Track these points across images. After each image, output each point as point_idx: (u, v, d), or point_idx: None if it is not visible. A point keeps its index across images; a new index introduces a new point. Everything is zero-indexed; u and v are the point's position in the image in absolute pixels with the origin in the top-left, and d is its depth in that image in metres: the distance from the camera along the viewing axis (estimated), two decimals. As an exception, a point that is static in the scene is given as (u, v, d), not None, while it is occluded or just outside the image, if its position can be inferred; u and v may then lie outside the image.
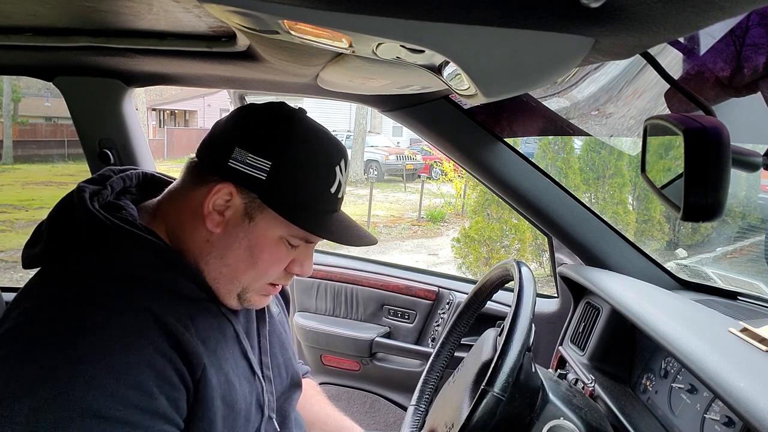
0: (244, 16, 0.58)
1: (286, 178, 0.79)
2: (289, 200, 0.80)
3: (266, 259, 0.82)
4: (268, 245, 0.82)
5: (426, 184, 12.03)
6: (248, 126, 0.82)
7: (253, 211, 0.80)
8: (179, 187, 0.86)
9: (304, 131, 0.82)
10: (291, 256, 0.85)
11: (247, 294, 0.84)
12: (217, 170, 0.80)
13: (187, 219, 0.82)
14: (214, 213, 0.80)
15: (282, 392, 0.98)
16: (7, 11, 0.86)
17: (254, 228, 0.81)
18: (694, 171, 0.55)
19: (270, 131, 0.81)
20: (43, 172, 14.84)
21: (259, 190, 0.79)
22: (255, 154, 0.79)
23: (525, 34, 0.55)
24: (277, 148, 0.79)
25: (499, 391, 0.81)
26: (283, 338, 1.03)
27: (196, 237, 0.82)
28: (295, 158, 0.80)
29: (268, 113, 0.83)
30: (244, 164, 0.79)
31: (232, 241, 0.81)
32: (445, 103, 1.47)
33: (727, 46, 1.12)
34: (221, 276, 0.82)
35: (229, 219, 0.81)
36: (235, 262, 0.82)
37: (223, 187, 0.79)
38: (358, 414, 2.01)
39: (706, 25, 0.51)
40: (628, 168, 6.81)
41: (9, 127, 17.12)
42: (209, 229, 0.81)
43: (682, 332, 1.00)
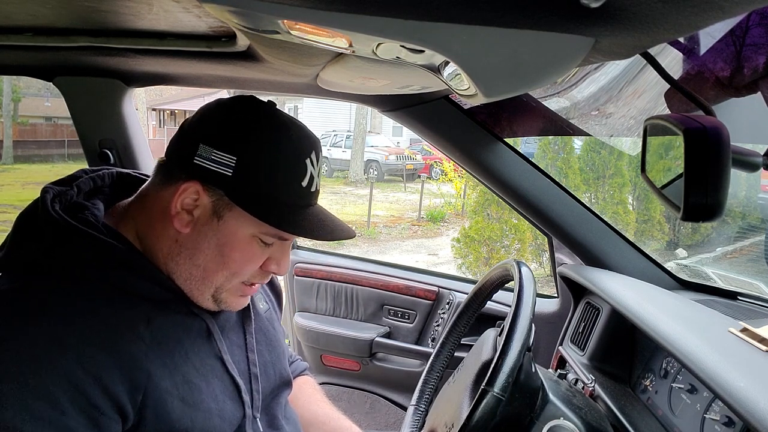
0: (244, 16, 0.58)
1: (252, 172, 0.77)
2: (257, 196, 0.77)
3: (238, 259, 0.80)
4: (239, 244, 0.79)
5: (426, 184, 12.03)
6: (213, 121, 0.80)
7: (221, 209, 0.78)
8: (149, 187, 0.84)
9: (270, 124, 0.80)
10: (265, 254, 0.82)
11: (222, 294, 0.82)
12: (185, 169, 0.78)
13: (157, 219, 0.81)
14: (183, 213, 0.79)
15: (270, 391, 0.96)
16: (7, 11, 0.86)
17: (223, 227, 0.79)
18: (694, 171, 0.55)
19: (234, 125, 0.78)
20: (43, 172, 14.84)
21: (226, 187, 0.77)
22: (219, 150, 0.76)
23: (525, 34, 0.55)
24: (241, 142, 0.77)
25: (499, 391, 0.81)
26: (270, 336, 1.01)
27: (164, 237, 0.80)
28: (260, 152, 0.77)
29: (233, 107, 0.81)
30: (209, 161, 0.77)
31: (202, 241, 0.79)
32: (445, 103, 1.47)
33: (727, 46, 1.12)
34: (192, 277, 0.81)
35: (197, 218, 0.79)
36: (205, 263, 0.80)
37: (190, 185, 0.77)
38: (358, 414, 2.01)
39: (706, 25, 0.51)
40: (628, 168, 6.81)
41: (9, 127, 17.12)
42: (177, 229, 0.79)
43: (682, 332, 1.00)
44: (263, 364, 0.95)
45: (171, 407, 0.75)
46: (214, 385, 0.83)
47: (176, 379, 0.77)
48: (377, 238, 9.27)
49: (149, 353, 0.75)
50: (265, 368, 0.95)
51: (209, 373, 0.83)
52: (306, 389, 1.15)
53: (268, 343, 1.00)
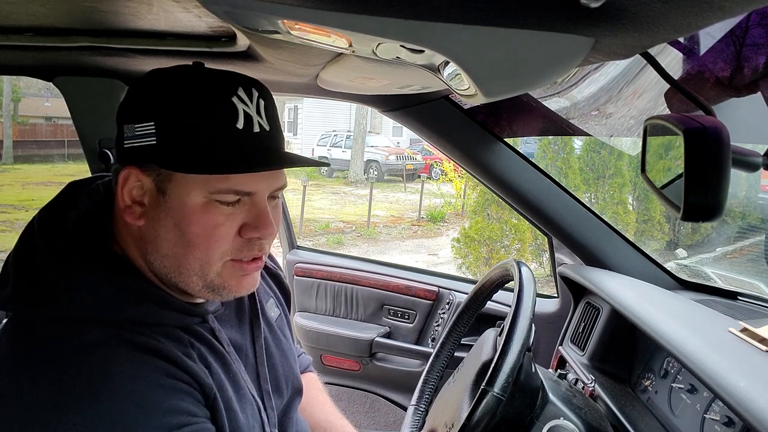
0: (244, 16, 0.58)
1: (174, 130, 0.69)
2: (187, 153, 0.69)
3: (199, 232, 0.71)
4: (195, 215, 0.70)
5: (426, 184, 12.04)
6: (130, 98, 0.75)
7: (162, 183, 0.71)
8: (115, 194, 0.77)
9: (183, 78, 0.72)
10: (236, 220, 0.72)
11: (213, 280, 0.74)
12: (119, 158, 0.74)
13: (122, 225, 0.76)
14: (134, 205, 0.73)
15: (284, 405, 0.93)
16: (7, 11, 0.86)
17: (171, 201, 0.71)
18: (694, 171, 0.55)
19: (148, 93, 0.72)
20: (43, 172, 14.84)
21: (156, 158, 0.70)
22: (139, 122, 0.70)
23: (525, 34, 0.55)
24: (156, 104, 0.70)
25: (499, 391, 0.81)
26: (283, 345, 0.97)
27: (133, 239, 0.75)
28: (173, 106, 0.70)
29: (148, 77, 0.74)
30: (134, 138, 0.71)
31: (158, 227, 0.72)
32: (445, 103, 1.47)
33: (727, 46, 1.12)
34: (169, 270, 0.73)
35: (148, 205, 0.72)
36: (171, 250, 0.72)
37: (128, 173, 0.72)
38: (358, 414, 2.01)
39: (706, 25, 0.51)
40: (628, 168, 6.81)
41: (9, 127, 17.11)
42: (133, 223, 0.73)
43: (682, 332, 1.00)
44: (275, 378, 0.92)
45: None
46: (246, 410, 0.81)
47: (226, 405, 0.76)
48: (377, 238, 9.28)
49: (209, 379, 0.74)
50: (277, 382, 0.92)
51: (242, 397, 0.81)
52: (309, 390, 1.12)
53: (282, 354, 0.95)
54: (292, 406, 0.97)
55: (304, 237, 8.91)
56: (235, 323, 0.88)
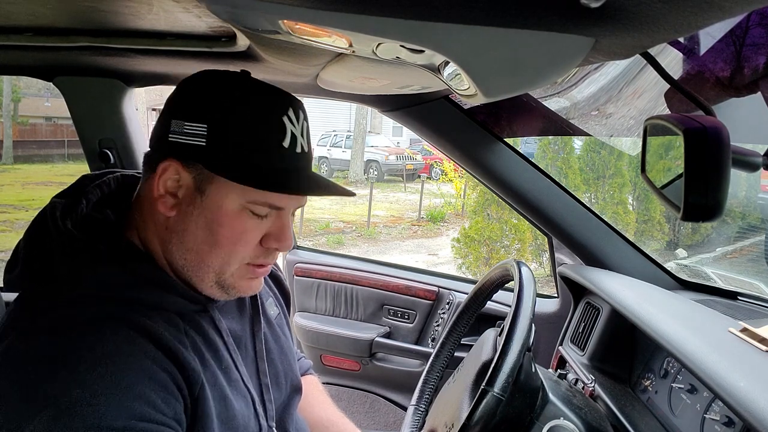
0: (244, 16, 0.58)
1: (225, 136, 0.73)
2: (236, 161, 0.73)
3: (228, 235, 0.75)
4: (228, 218, 0.74)
5: (426, 184, 12.03)
6: (181, 95, 0.77)
7: (202, 183, 0.74)
8: (142, 183, 0.81)
9: (239, 87, 0.76)
10: (261, 229, 0.77)
11: (226, 279, 0.78)
12: (161, 150, 0.75)
13: (147, 212, 0.78)
14: (167, 196, 0.75)
15: (282, 401, 0.95)
16: (7, 11, 0.86)
17: (207, 202, 0.74)
18: (694, 171, 0.55)
19: (202, 94, 0.75)
20: (43, 172, 14.83)
21: (203, 158, 0.73)
22: (190, 121, 0.73)
23: (525, 34, 0.55)
24: (210, 108, 0.73)
25: (499, 391, 0.81)
26: (282, 343, 0.99)
27: (156, 227, 0.77)
28: (229, 114, 0.73)
29: (200, 78, 0.78)
30: (182, 134, 0.73)
31: (189, 222, 0.75)
32: (445, 103, 1.47)
33: (727, 46, 1.12)
34: (188, 264, 0.77)
35: (182, 199, 0.75)
36: (196, 245, 0.76)
37: (168, 164, 0.74)
38: (358, 414, 2.01)
39: (706, 25, 0.51)
40: (628, 168, 6.81)
41: (9, 127, 17.11)
42: (163, 213, 0.76)
43: (682, 332, 1.00)
44: (274, 374, 0.93)
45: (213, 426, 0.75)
46: (239, 401, 0.82)
47: (216, 395, 0.77)
48: (377, 238, 9.27)
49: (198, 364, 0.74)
50: (276, 378, 0.94)
51: (235, 388, 0.82)
52: (310, 391, 1.13)
53: (281, 350, 0.97)
54: (292, 404, 0.98)
55: (304, 237, 8.91)
56: (236, 316, 0.90)
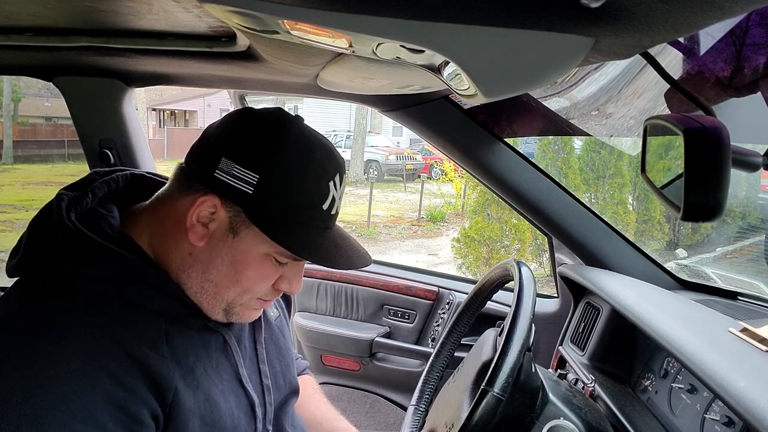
0: (244, 16, 0.58)
1: (274, 193, 0.75)
2: (276, 216, 0.76)
3: (251, 276, 0.78)
4: (253, 262, 0.78)
5: (426, 184, 12.03)
6: (237, 135, 0.77)
7: (238, 225, 0.76)
8: (166, 193, 0.82)
9: (296, 142, 0.77)
10: (279, 273, 0.81)
11: (234, 309, 0.81)
12: (204, 180, 0.76)
13: (170, 229, 0.79)
14: (198, 225, 0.77)
15: (280, 402, 0.95)
16: (7, 11, 0.86)
17: (238, 244, 0.77)
18: (694, 171, 0.55)
19: (259, 141, 0.76)
20: (43, 172, 14.83)
21: (245, 205, 0.75)
22: (242, 166, 0.74)
23: (525, 34, 0.55)
24: (266, 160, 0.75)
25: (499, 391, 0.81)
26: (281, 344, 1.00)
27: (178, 249, 0.79)
28: (284, 172, 0.75)
29: (260, 121, 0.79)
30: (230, 176, 0.75)
31: (216, 256, 0.77)
32: (445, 103, 1.47)
33: (727, 46, 1.12)
34: (204, 291, 0.79)
35: (213, 232, 0.77)
36: (218, 278, 0.78)
37: (208, 199, 0.76)
38: (358, 414, 2.01)
39: (706, 25, 0.51)
40: (628, 168, 6.81)
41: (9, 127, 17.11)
42: (192, 242, 0.77)
43: (682, 332, 1.00)
44: (274, 375, 0.94)
45: (192, 427, 0.74)
46: (231, 401, 0.82)
47: (199, 397, 0.76)
48: (377, 238, 9.27)
49: (173, 370, 0.74)
50: (275, 379, 0.94)
51: (227, 389, 0.82)
52: (306, 390, 1.14)
53: (279, 352, 0.98)
54: (289, 403, 0.99)
55: (304, 237, 8.88)
56: None
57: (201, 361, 0.79)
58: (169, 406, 0.72)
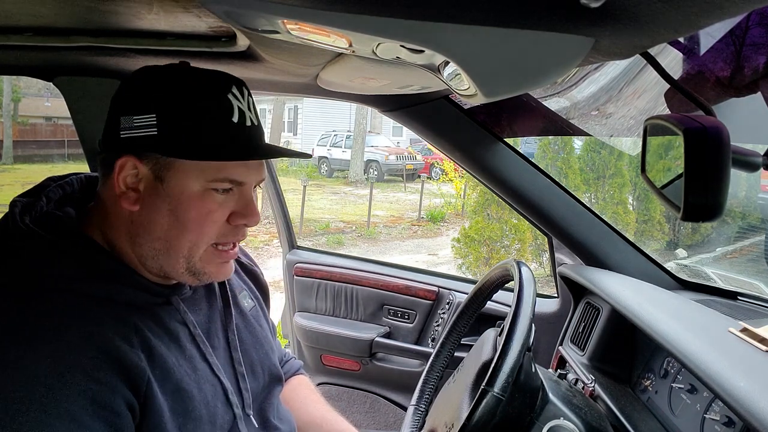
0: (244, 16, 0.58)
1: (176, 122, 0.76)
2: (190, 143, 0.76)
3: (194, 217, 0.77)
4: (192, 201, 0.77)
5: (426, 184, 12.03)
6: (124, 93, 0.79)
7: (161, 171, 0.76)
8: (99, 185, 0.83)
9: (180, 74, 0.79)
10: (227, 207, 0.80)
11: (195, 264, 0.80)
12: (115, 148, 0.78)
13: (111, 210, 0.80)
14: (129, 191, 0.77)
15: (261, 389, 0.96)
16: (7, 11, 0.86)
17: (169, 189, 0.77)
18: (694, 171, 0.55)
19: (146, 87, 0.78)
20: (43, 172, 14.74)
21: (157, 147, 0.75)
22: (138, 114, 0.76)
23: (525, 34, 0.55)
24: (156, 98, 0.76)
25: (499, 391, 0.81)
26: (257, 333, 1.00)
27: (120, 223, 0.79)
28: (175, 100, 0.76)
29: (138, 75, 0.80)
30: (133, 129, 0.76)
31: (155, 213, 0.77)
32: (445, 103, 1.47)
33: (727, 46, 1.12)
34: (158, 252, 0.79)
35: (144, 191, 0.77)
36: (164, 233, 0.78)
37: (124, 161, 0.76)
38: (358, 414, 2.01)
39: (706, 25, 0.51)
40: (628, 168, 6.81)
41: (9, 127, 17.12)
42: (127, 208, 0.78)
43: (682, 332, 1.00)
44: (250, 363, 0.95)
45: (165, 420, 0.75)
46: (205, 390, 0.82)
47: (168, 388, 0.77)
48: (377, 238, 9.28)
49: (145, 361, 0.74)
50: (252, 366, 0.95)
51: (201, 378, 0.83)
52: (302, 390, 1.14)
53: (255, 340, 0.99)
54: (272, 393, 0.99)
55: (304, 237, 8.90)
56: (205, 308, 0.92)
57: (172, 352, 0.79)
58: (144, 396, 0.73)
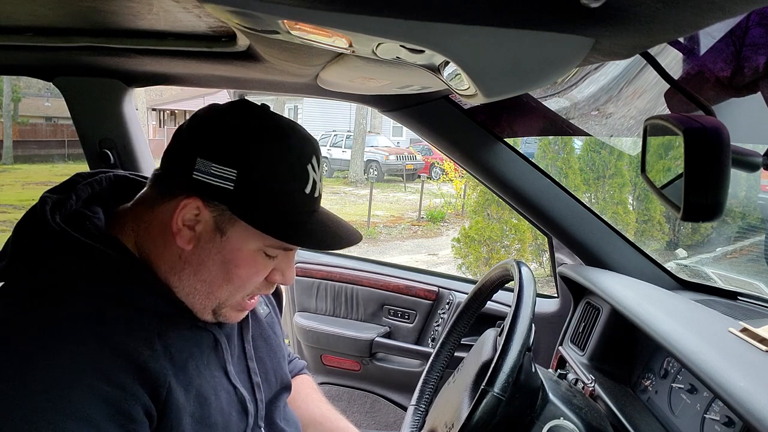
0: (244, 16, 0.58)
1: (254, 185, 0.75)
2: (260, 208, 0.75)
3: (243, 274, 0.78)
4: (244, 259, 0.78)
5: (426, 184, 12.03)
6: (208, 133, 0.77)
7: (223, 224, 0.76)
8: (147, 198, 0.82)
9: (269, 131, 0.77)
10: (270, 266, 0.81)
11: (223, 309, 0.81)
12: (183, 183, 0.76)
13: (157, 234, 0.79)
14: (185, 229, 0.76)
15: (271, 398, 0.95)
16: (7, 11, 0.86)
17: (227, 243, 0.77)
18: (694, 171, 0.55)
19: (231, 136, 0.76)
20: (43, 172, 14.83)
21: (228, 201, 0.75)
22: (218, 164, 0.74)
23: (525, 34, 0.55)
24: (241, 154, 0.75)
25: (499, 391, 0.81)
26: (271, 341, 1.00)
27: (167, 253, 0.78)
28: (260, 163, 0.75)
29: (228, 116, 0.78)
30: (208, 175, 0.74)
31: (206, 258, 0.77)
32: (445, 103, 1.47)
33: (727, 46, 1.12)
34: (196, 291, 0.79)
35: (200, 234, 0.77)
36: (210, 279, 0.78)
37: (190, 202, 0.75)
38: (358, 414, 2.01)
39: (706, 25, 0.51)
40: (628, 168, 6.81)
41: (9, 127, 17.12)
42: (180, 246, 0.77)
43: (682, 332, 1.00)
44: (264, 372, 0.94)
45: (184, 424, 0.75)
46: (221, 398, 0.82)
47: (191, 394, 0.77)
48: (377, 238, 9.27)
49: (167, 367, 0.74)
50: (266, 375, 0.94)
51: (218, 386, 0.82)
52: (304, 389, 1.14)
53: (269, 348, 0.98)
54: (280, 398, 0.99)
55: (304, 237, 8.88)
56: None
57: (193, 358, 0.79)
58: (163, 403, 0.73)
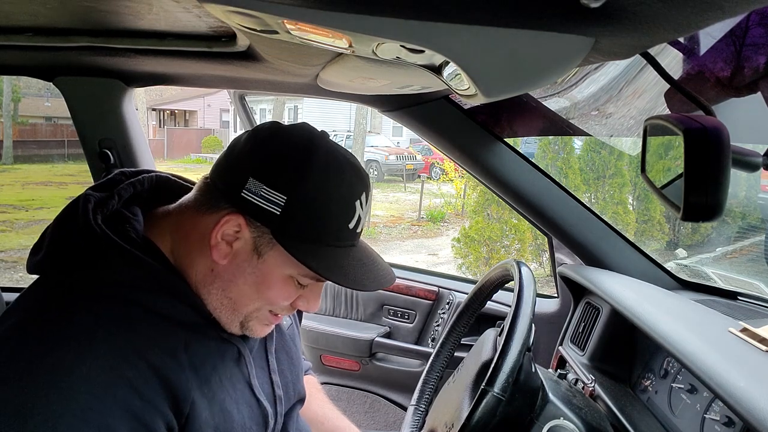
0: (244, 16, 0.58)
1: (301, 214, 0.74)
2: (303, 237, 0.75)
3: (272, 297, 0.79)
4: (276, 283, 0.78)
5: (426, 184, 12.03)
6: (266, 155, 0.76)
7: (262, 246, 0.76)
8: (190, 205, 0.80)
9: (324, 162, 0.76)
10: (299, 293, 0.81)
11: (250, 323, 0.81)
12: (229, 198, 0.75)
13: (194, 243, 0.78)
14: (222, 243, 0.76)
15: (288, 410, 0.95)
16: (7, 11, 0.86)
17: (262, 264, 0.76)
18: (694, 171, 0.55)
19: (288, 163, 0.74)
20: (43, 172, 14.84)
21: (271, 225, 0.74)
22: (269, 187, 0.73)
23: (525, 34, 0.55)
24: (295, 182, 0.74)
25: (499, 391, 0.81)
26: (292, 353, 0.99)
27: (201, 264, 0.78)
28: (312, 193, 0.74)
29: (289, 140, 0.77)
30: (257, 196, 0.73)
31: (238, 275, 0.77)
32: (445, 103, 1.47)
33: (727, 46, 1.12)
34: (223, 306, 0.79)
35: (237, 251, 0.76)
36: (238, 296, 0.78)
37: (233, 218, 0.75)
38: (358, 414, 2.01)
39: (706, 25, 0.51)
40: (628, 168, 6.81)
41: (9, 127, 17.12)
42: (215, 259, 0.76)
43: (682, 332, 1.00)
44: (285, 385, 0.93)
45: None
46: (243, 412, 0.82)
47: (214, 408, 0.76)
48: (377, 238, 9.27)
49: (191, 380, 0.73)
50: (286, 389, 0.94)
51: (240, 399, 0.82)
52: (308, 389, 1.14)
53: (290, 361, 0.98)
54: (295, 410, 0.99)
55: (304, 237, 8.88)
56: None
57: (217, 371, 0.79)
58: (186, 418, 0.72)
